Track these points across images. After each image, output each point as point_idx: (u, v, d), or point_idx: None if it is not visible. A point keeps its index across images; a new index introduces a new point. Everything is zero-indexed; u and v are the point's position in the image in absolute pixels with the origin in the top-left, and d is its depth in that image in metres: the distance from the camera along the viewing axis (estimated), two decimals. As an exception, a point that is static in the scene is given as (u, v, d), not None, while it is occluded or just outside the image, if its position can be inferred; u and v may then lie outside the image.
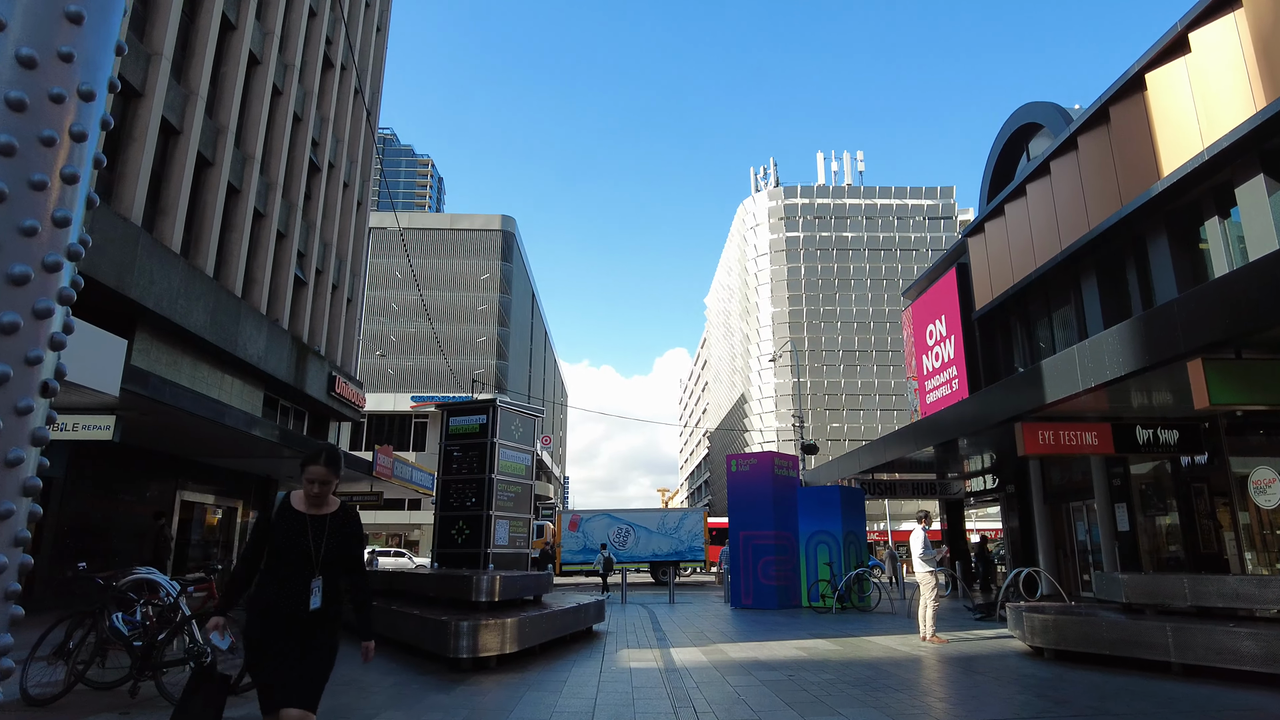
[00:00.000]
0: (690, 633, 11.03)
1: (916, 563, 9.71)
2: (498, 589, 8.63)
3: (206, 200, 16.45)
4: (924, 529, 9.72)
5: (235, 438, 14.07)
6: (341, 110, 24.55)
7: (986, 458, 20.64)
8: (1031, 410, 12.98)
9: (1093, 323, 16.64)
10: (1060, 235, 17.34)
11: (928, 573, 9.57)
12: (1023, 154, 20.82)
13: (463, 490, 18.79)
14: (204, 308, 15.44)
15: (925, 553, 9.53)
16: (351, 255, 25.25)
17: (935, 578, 9.59)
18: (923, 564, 9.64)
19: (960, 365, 22.01)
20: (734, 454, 17.79)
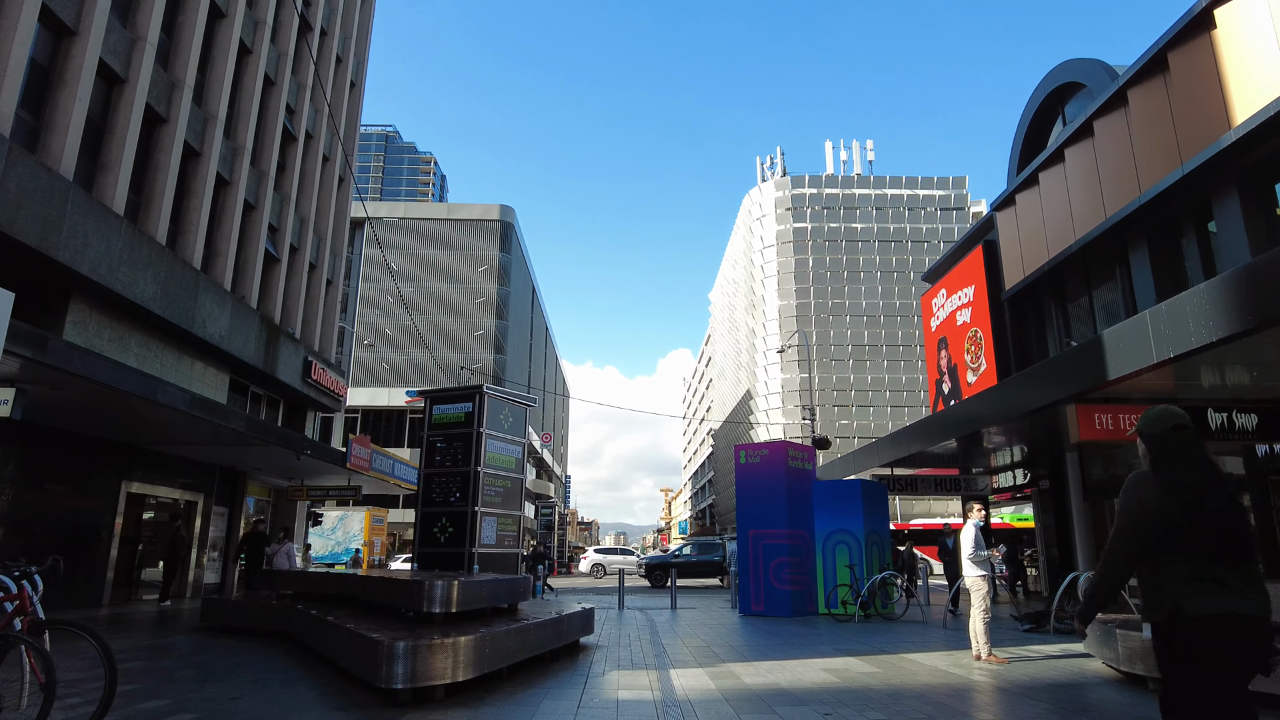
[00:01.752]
0: (694, 647, 9.37)
1: (966, 565, 8.02)
2: (455, 597, 6.97)
3: (159, 160, 14.85)
4: (976, 524, 8.03)
5: (185, 422, 12.45)
6: (322, 79, 22.94)
7: (1017, 450, 18.94)
8: (1086, 391, 11.29)
9: (1143, 298, 14.92)
10: (1105, 202, 15.63)
11: (980, 577, 7.88)
12: (1057, 119, 19.09)
13: (446, 484, 17.15)
14: (152, 278, 13.83)
15: (977, 552, 7.84)
16: (332, 233, 23.63)
17: (989, 583, 7.90)
18: (974, 566, 7.95)
19: (989, 350, 20.30)
20: (743, 444, 16.11)
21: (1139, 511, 2.62)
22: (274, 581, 11.24)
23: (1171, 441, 2.71)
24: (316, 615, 7.77)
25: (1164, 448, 2.72)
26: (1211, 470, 2.64)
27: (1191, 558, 2.51)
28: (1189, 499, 2.56)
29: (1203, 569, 2.48)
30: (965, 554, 7.89)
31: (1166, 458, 2.70)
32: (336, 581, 9.69)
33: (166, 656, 7.73)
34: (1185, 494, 2.57)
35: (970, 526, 8.00)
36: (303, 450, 15.43)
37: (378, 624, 7.10)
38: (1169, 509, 2.55)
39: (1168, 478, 2.64)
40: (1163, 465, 2.70)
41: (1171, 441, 2.71)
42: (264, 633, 9.59)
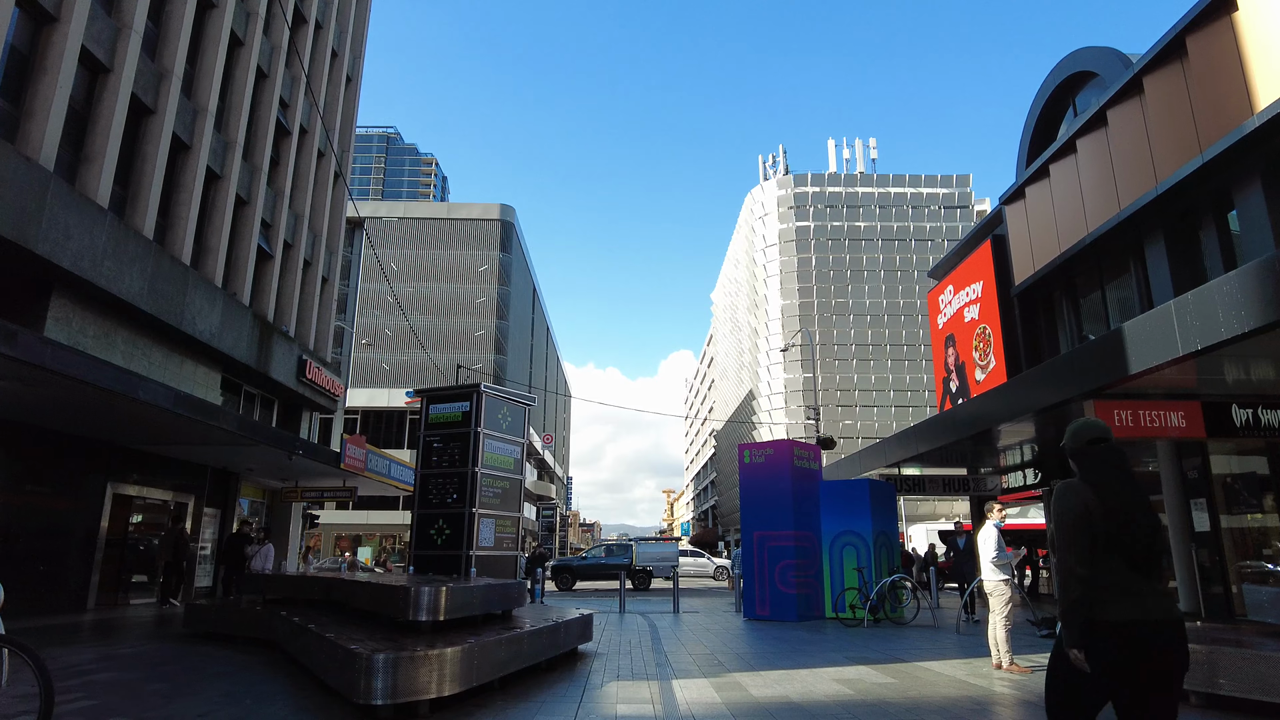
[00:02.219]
0: (698, 655, 8.93)
1: (986, 568, 7.57)
2: (443, 604, 6.54)
3: (146, 152, 14.45)
4: (996, 524, 7.57)
5: (170, 420, 12.04)
6: (317, 73, 22.56)
7: (1027, 449, 18.48)
8: (1105, 387, 10.84)
9: (1160, 292, 14.47)
10: (1119, 194, 15.18)
11: (1001, 582, 7.43)
12: (1068, 110, 18.64)
13: (443, 485, 16.73)
14: (139, 272, 13.42)
15: (999, 556, 7.39)
16: (328, 230, 23.23)
17: (1010, 588, 7.46)
18: (995, 571, 7.50)
19: (998, 347, 19.85)
20: (747, 443, 15.67)
21: (1082, 514, 2.67)
22: (259, 585, 10.81)
23: (1092, 454, 2.79)
24: (298, 622, 7.34)
25: (1086, 460, 2.80)
26: (1130, 480, 2.72)
27: (1110, 565, 2.59)
28: (1112, 507, 2.64)
29: (1119, 576, 2.57)
30: (987, 557, 7.44)
31: (1090, 469, 2.78)
32: (324, 586, 9.26)
33: (138, 667, 7.30)
34: (1109, 502, 2.65)
35: (990, 528, 7.55)
36: (294, 450, 15.02)
37: (363, 632, 6.68)
38: (1095, 515, 2.64)
39: (1101, 487, 2.70)
40: (1088, 476, 2.76)
41: (1092, 454, 2.79)
42: (248, 640, 9.16)
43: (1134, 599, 2.55)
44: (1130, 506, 2.64)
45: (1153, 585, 2.61)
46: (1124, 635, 2.51)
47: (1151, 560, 2.62)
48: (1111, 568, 2.60)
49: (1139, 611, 2.52)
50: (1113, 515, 2.63)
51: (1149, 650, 2.50)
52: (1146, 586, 2.58)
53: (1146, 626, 2.51)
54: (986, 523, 7.66)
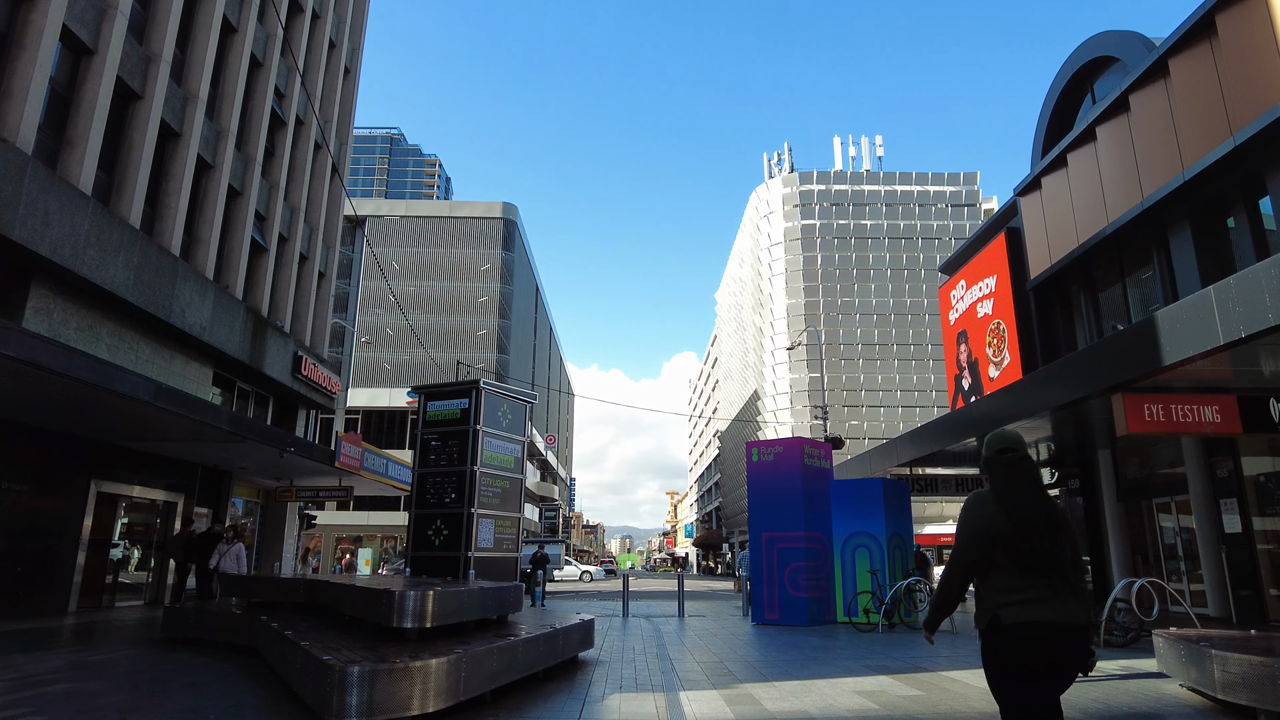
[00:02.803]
0: (706, 663, 8.38)
1: None
2: (430, 610, 6.00)
3: (133, 138, 13.97)
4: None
5: (153, 415, 11.54)
6: (313, 64, 22.08)
7: (1043, 448, 17.90)
8: (1136, 379, 10.27)
9: (1185, 284, 13.87)
10: (1141, 182, 14.60)
11: None
12: (1085, 98, 18.05)
13: (441, 485, 16.18)
14: (124, 263, 12.93)
15: None
16: (325, 224, 22.75)
17: None
18: None
19: (1012, 343, 19.26)
20: (755, 441, 15.11)
21: (977, 527, 2.77)
22: (244, 587, 10.29)
23: (999, 463, 2.89)
24: (277, 628, 6.81)
25: (995, 468, 2.90)
26: (1033, 489, 2.81)
27: (1011, 571, 2.70)
28: (1014, 515, 2.73)
29: (1019, 580, 2.68)
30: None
31: (999, 478, 2.87)
32: (309, 589, 8.74)
33: (102, 676, 6.78)
34: (1011, 511, 2.74)
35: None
36: (286, 447, 14.51)
37: (345, 640, 6.15)
38: (999, 524, 2.72)
39: (999, 495, 2.80)
40: (996, 484, 2.86)
41: (999, 463, 2.89)
42: (229, 646, 8.64)
43: (1031, 604, 2.65)
44: (1031, 515, 2.73)
45: (1051, 590, 2.68)
46: (1019, 637, 2.63)
47: (1051, 566, 2.70)
48: (1012, 573, 2.71)
49: (1035, 615, 2.63)
50: (1015, 523, 2.72)
51: (1043, 651, 2.62)
52: (1045, 592, 2.67)
53: (1043, 629, 2.62)
54: None
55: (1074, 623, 2.65)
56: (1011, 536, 2.70)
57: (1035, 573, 2.69)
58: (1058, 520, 2.77)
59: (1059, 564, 2.71)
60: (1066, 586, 2.71)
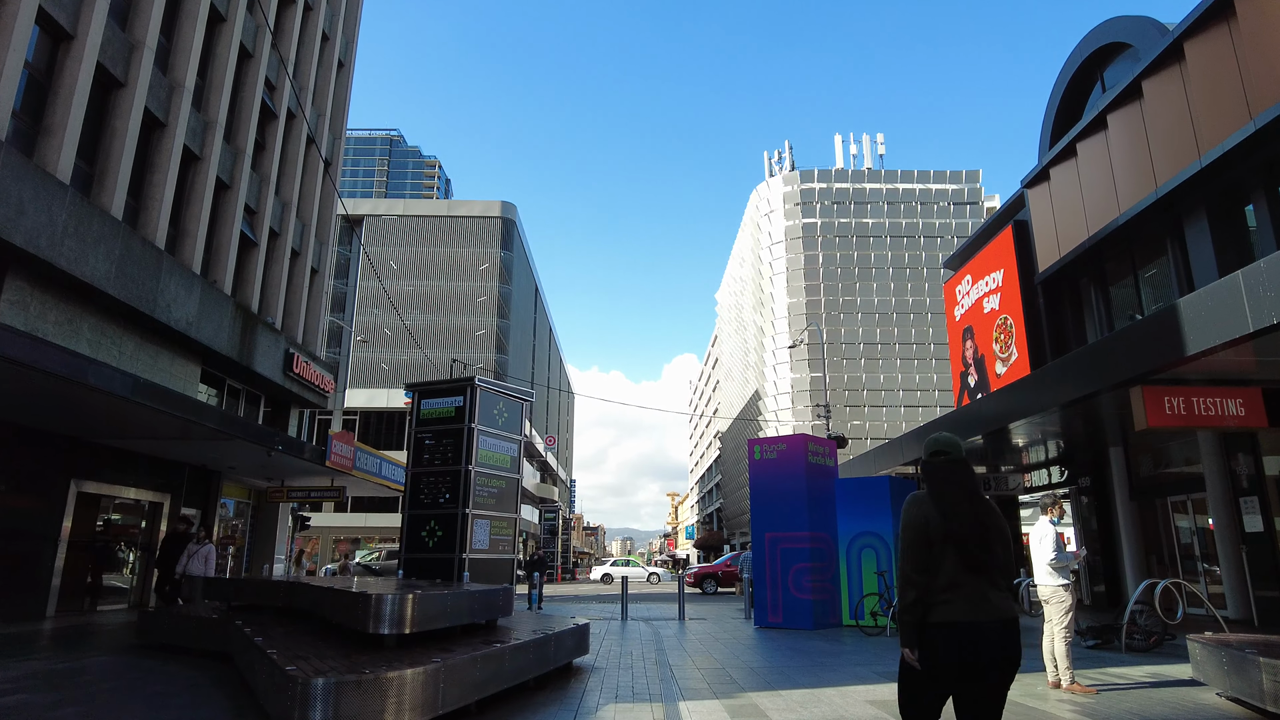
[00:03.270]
0: (707, 669, 7.93)
1: (1042, 573, 6.54)
2: (410, 615, 5.56)
3: (115, 127, 13.55)
4: (1053, 520, 6.55)
5: (131, 410, 11.11)
6: (305, 56, 21.67)
7: (1052, 446, 17.45)
8: (1156, 370, 9.83)
9: (1202, 274, 13.43)
10: (1155, 170, 14.17)
11: (1061, 588, 6.41)
12: (1095, 86, 17.62)
13: (435, 484, 15.75)
14: (105, 254, 12.50)
15: (1059, 558, 6.37)
16: (318, 219, 22.32)
17: (1071, 594, 6.44)
18: (1052, 575, 6.48)
19: (1020, 338, 18.82)
20: (758, 438, 14.67)
21: (919, 526, 2.83)
22: (221, 590, 9.84)
23: (933, 465, 2.95)
24: (249, 634, 6.37)
25: (930, 471, 2.95)
26: (966, 490, 2.85)
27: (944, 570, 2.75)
28: (945, 517, 2.79)
29: (948, 580, 2.73)
30: (1044, 558, 6.41)
31: (931, 480, 2.93)
32: (288, 591, 8.30)
33: (60, 686, 6.34)
34: (943, 512, 2.80)
35: (1046, 526, 6.52)
36: (273, 446, 14.07)
37: (318, 647, 5.71)
38: (933, 525, 2.80)
39: (933, 497, 2.87)
40: (930, 486, 2.91)
41: (933, 465, 2.95)
42: (205, 653, 8.20)
43: (962, 602, 2.70)
44: (963, 515, 2.78)
45: (983, 588, 2.73)
46: (951, 634, 2.68)
47: (983, 565, 2.74)
48: (945, 572, 2.76)
49: (966, 613, 2.69)
50: (946, 524, 2.78)
51: (975, 647, 2.66)
52: (976, 590, 2.72)
53: (973, 626, 2.67)
54: (1041, 520, 6.64)
55: (1002, 618, 2.70)
56: (944, 537, 2.78)
57: (966, 572, 2.75)
58: (989, 522, 2.82)
59: (990, 564, 2.77)
60: (996, 586, 2.77)
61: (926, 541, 2.82)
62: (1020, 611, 14.68)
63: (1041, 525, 6.52)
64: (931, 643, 2.74)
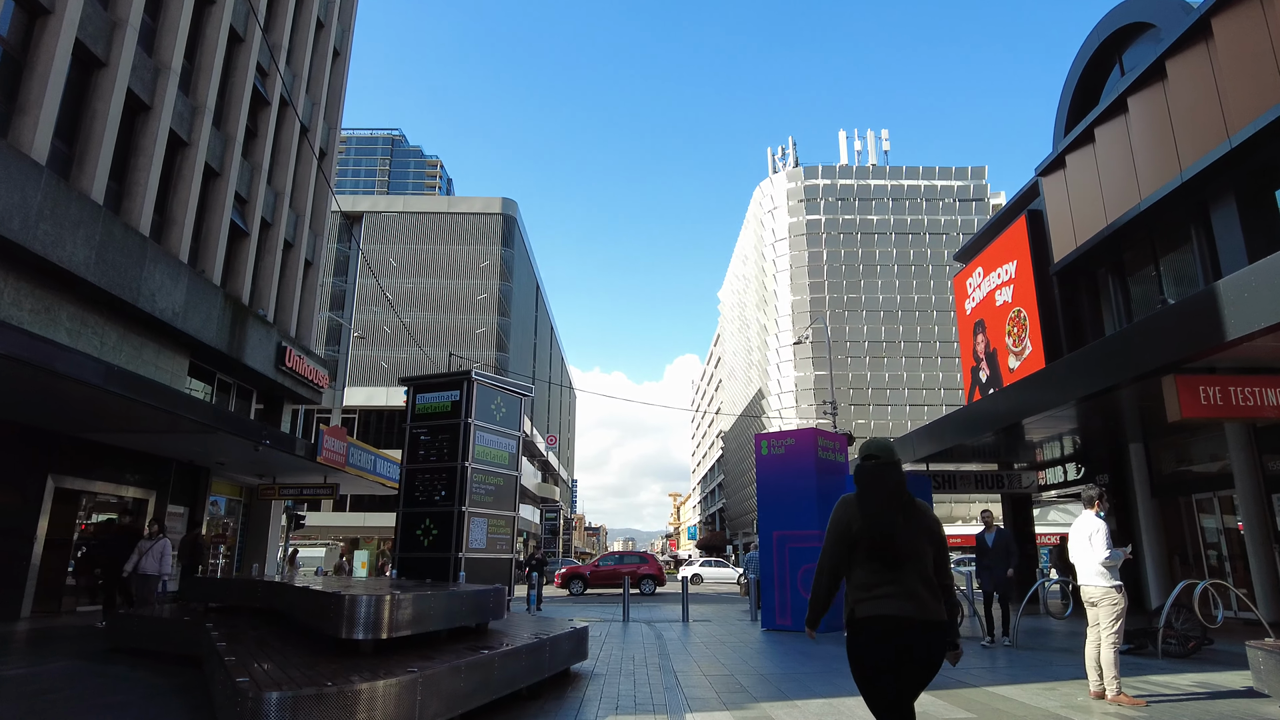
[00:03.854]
0: (715, 676, 7.37)
1: (1092, 572, 5.93)
2: (386, 618, 5.01)
3: (96, 109, 13.02)
4: (1100, 514, 5.98)
5: (107, 401, 10.57)
6: (300, 43, 21.15)
7: (1068, 442, 16.87)
8: (1186, 359, 9.25)
9: (1230, 260, 12.84)
10: (1179, 154, 13.58)
11: (1114, 589, 5.83)
12: (1113, 70, 17.03)
13: (430, 482, 15.18)
14: (84, 239, 11.97)
15: (1111, 556, 5.79)
16: (312, 211, 21.79)
17: (1123, 596, 5.86)
18: (1103, 576, 5.89)
19: (1034, 331, 18.23)
20: (765, 433, 14.10)
21: (841, 526, 3.01)
22: (204, 591, 9.29)
23: (863, 469, 3.08)
24: (216, 638, 5.82)
25: (858, 473, 3.09)
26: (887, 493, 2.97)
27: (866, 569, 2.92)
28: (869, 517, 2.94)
29: (872, 578, 2.88)
30: (1096, 557, 5.81)
31: (860, 482, 3.07)
32: (267, 592, 7.75)
33: (12, 695, 5.79)
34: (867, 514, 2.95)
35: (1094, 520, 5.94)
36: (260, 440, 13.53)
37: (286, 654, 5.16)
38: (857, 525, 2.95)
39: (860, 499, 3.02)
40: (858, 488, 3.06)
41: (863, 469, 3.08)
42: (176, 657, 7.65)
43: (880, 598, 2.82)
44: (885, 517, 2.89)
45: (902, 587, 2.82)
46: (869, 628, 2.82)
47: (899, 564, 2.84)
48: (867, 570, 2.88)
49: (882, 609, 2.80)
50: (869, 525, 2.89)
51: (892, 644, 2.78)
52: (893, 587, 2.82)
53: (891, 622, 2.78)
54: (1085, 514, 6.05)
55: (925, 618, 2.79)
56: (867, 537, 2.88)
57: (887, 570, 2.84)
58: (917, 523, 2.91)
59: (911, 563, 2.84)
60: (920, 584, 2.84)
61: (846, 541, 2.96)
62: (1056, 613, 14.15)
63: (1088, 520, 5.94)
64: (859, 636, 2.86)
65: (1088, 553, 5.81)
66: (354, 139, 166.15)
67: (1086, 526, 5.88)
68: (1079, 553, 5.90)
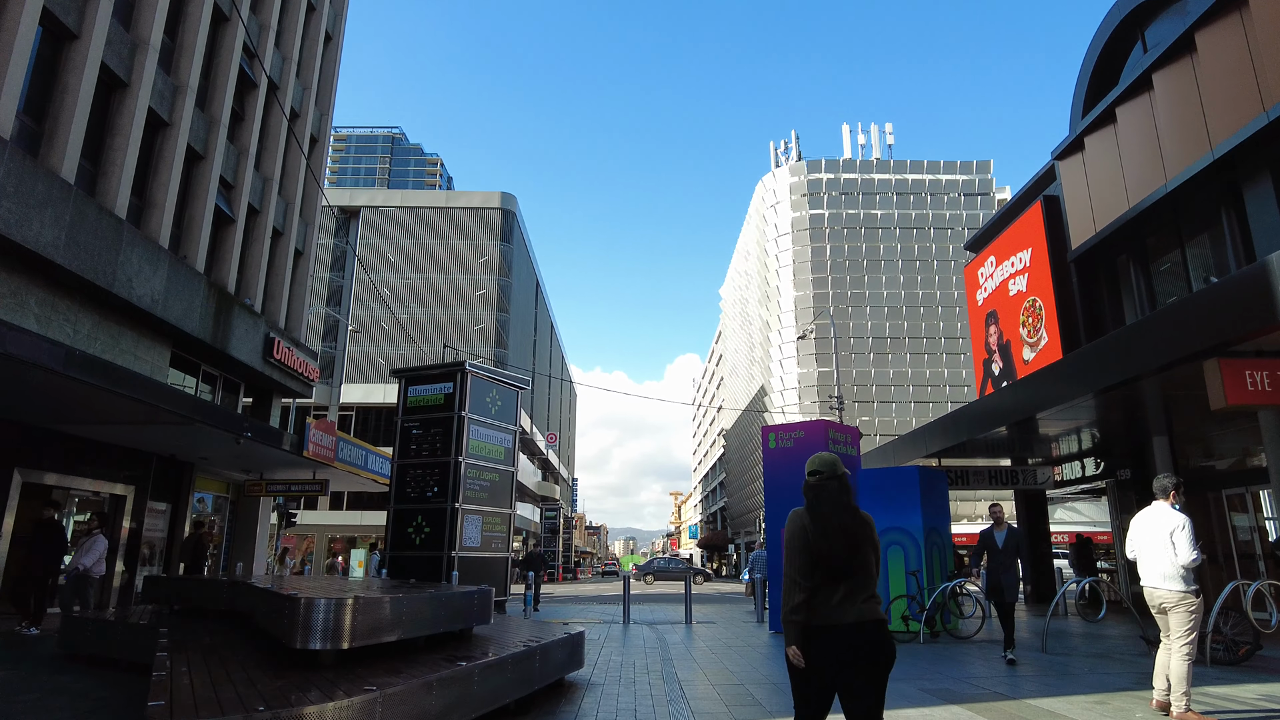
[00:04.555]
0: (724, 685, 6.69)
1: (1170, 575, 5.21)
2: (347, 626, 4.33)
3: (67, 82, 12.34)
4: (1175, 506, 5.27)
5: (76, 391, 9.90)
6: (289, 24, 20.46)
7: (1087, 435, 16.18)
8: (1233, 340, 8.58)
9: (1265, 242, 12.14)
10: (1209, 131, 12.88)
11: (1190, 594, 5.13)
12: (1134, 47, 16.32)
13: (422, 477, 14.58)
14: (52, 219, 11.29)
15: (1196, 559, 5.08)
16: (303, 199, 21.11)
17: (1200, 601, 5.16)
18: (1180, 580, 5.19)
19: (1051, 320, 17.53)
20: (773, 425, 13.41)
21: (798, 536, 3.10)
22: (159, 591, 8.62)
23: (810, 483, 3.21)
24: (161, 645, 5.15)
25: (807, 488, 3.21)
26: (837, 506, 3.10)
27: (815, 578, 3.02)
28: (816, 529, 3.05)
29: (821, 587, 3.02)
30: (1181, 559, 5.09)
31: (808, 496, 3.19)
32: (230, 593, 7.07)
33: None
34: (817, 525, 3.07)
35: (1174, 514, 5.20)
36: (241, 432, 12.85)
37: (241, 665, 4.49)
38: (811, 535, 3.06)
39: (809, 511, 3.14)
40: (807, 502, 3.18)
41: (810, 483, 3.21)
42: (133, 665, 6.97)
43: (831, 607, 2.97)
44: (831, 531, 3.03)
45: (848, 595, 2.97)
46: (822, 636, 2.95)
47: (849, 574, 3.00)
48: (818, 580, 3.02)
49: (833, 617, 2.94)
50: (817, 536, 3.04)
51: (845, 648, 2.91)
52: (843, 596, 2.97)
53: (841, 628, 2.92)
54: (1159, 506, 5.33)
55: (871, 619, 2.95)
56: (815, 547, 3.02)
57: (834, 580, 3.00)
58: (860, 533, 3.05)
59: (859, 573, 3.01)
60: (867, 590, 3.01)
61: (806, 550, 3.05)
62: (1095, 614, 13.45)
63: (1165, 514, 5.22)
64: (809, 643, 2.97)
65: (1164, 553, 5.11)
66: (353, 136, 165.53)
67: (1165, 522, 5.17)
68: (1152, 552, 5.20)
